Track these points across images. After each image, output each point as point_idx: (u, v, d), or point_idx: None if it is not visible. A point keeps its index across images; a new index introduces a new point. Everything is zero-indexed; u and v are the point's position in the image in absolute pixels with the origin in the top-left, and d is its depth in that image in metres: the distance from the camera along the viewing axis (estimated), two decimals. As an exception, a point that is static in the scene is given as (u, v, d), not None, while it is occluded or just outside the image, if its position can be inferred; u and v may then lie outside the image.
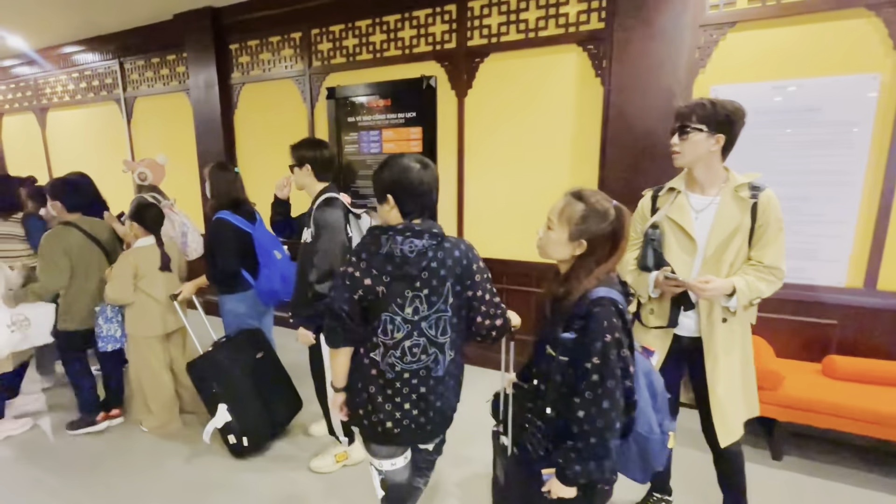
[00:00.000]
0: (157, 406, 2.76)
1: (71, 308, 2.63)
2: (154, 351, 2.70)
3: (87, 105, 5.41)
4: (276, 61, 4.08)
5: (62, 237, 2.55)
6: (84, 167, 5.02)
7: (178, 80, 4.64)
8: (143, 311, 2.61)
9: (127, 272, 2.52)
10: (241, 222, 2.58)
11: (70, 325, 2.66)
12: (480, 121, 3.34)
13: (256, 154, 4.40)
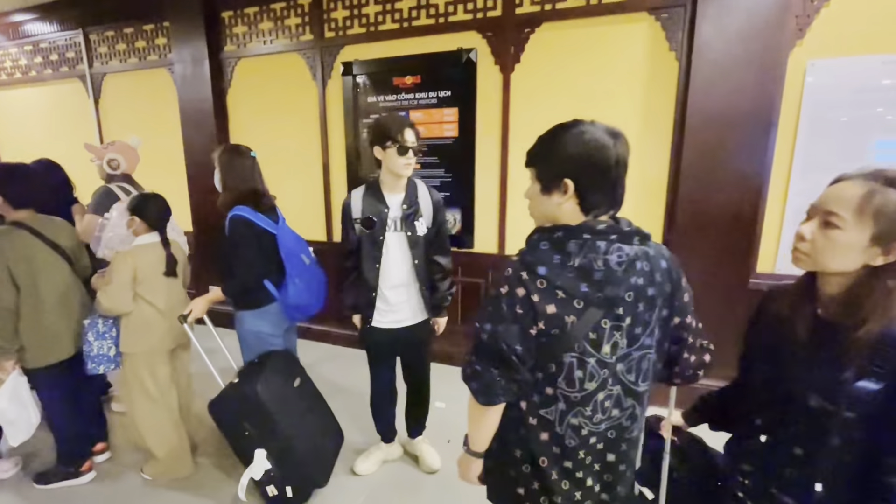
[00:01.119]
0: (161, 446, 2.23)
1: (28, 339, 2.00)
2: (155, 373, 2.16)
3: (43, 83, 4.64)
4: (280, 31, 3.52)
5: (7, 243, 1.93)
6: (44, 153, 4.29)
7: (158, 54, 3.99)
8: (143, 323, 2.08)
9: (125, 276, 1.99)
10: (263, 221, 2.05)
11: (34, 362, 2.03)
12: (528, 100, 2.93)
13: (254, 140, 3.78)
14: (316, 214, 3.67)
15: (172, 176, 4.01)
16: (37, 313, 1.99)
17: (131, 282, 2.01)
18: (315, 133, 3.56)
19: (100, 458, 2.38)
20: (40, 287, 1.99)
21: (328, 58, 3.39)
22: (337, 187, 3.59)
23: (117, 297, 1.98)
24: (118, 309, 2.00)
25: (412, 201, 1.93)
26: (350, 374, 3.23)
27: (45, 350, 2.04)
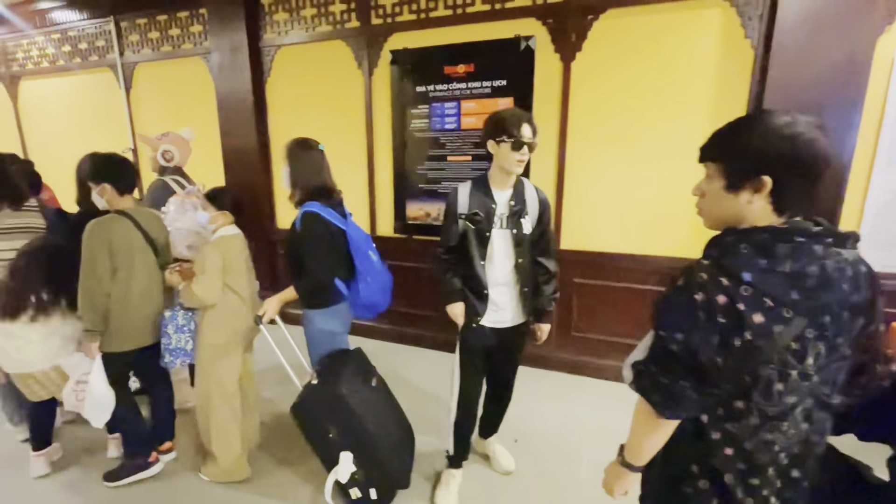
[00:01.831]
0: (224, 446, 2.18)
1: (114, 324, 2.02)
2: (230, 367, 2.13)
3: (72, 72, 4.54)
4: (323, 18, 3.41)
5: (109, 229, 1.95)
6: (70, 146, 4.23)
7: (193, 43, 3.89)
8: (229, 312, 2.07)
9: (218, 265, 1.98)
10: (334, 216, 1.98)
11: (110, 346, 2.04)
12: (590, 90, 2.83)
13: (294, 131, 3.68)
14: (360, 208, 3.58)
15: (208, 168, 3.92)
16: (126, 300, 2.00)
17: (222, 271, 1.99)
18: (359, 124, 3.47)
19: (167, 456, 2.34)
20: (133, 275, 2.00)
21: (375, 45, 3.28)
22: (381, 180, 3.50)
23: (211, 286, 1.96)
24: (211, 298, 1.97)
25: (520, 198, 1.86)
26: (397, 369, 3.19)
27: (127, 336, 2.05)
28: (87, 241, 1.91)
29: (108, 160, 2.05)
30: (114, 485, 2.20)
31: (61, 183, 3.54)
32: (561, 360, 3.17)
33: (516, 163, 1.77)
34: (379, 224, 3.58)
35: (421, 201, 3.40)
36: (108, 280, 1.95)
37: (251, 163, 3.77)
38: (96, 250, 1.91)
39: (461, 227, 1.87)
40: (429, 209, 3.39)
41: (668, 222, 2.79)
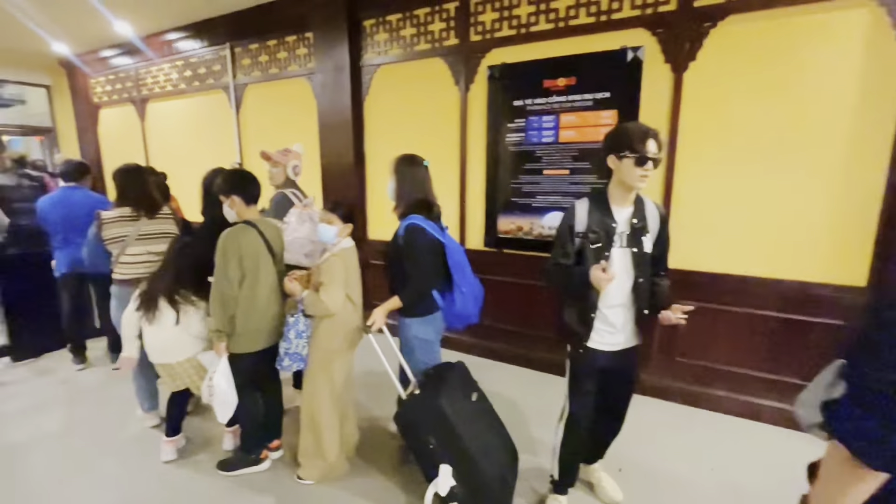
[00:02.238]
0: (328, 446, 2.25)
1: (240, 326, 2.16)
2: (341, 370, 2.23)
3: (191, 94, 5.04)
4: (422, 37, 3.52)
5: (239, 238, 2.10)
6: (186, 160, 4.66)
7: (299, 64, 4.17)
8: (345, 319, 2.16)
9: (342, 277, 2.07)
10: (434, 229, 2.11)
11: (237, 347, 2.18)
12: (703, 103, 2.67)
13: (389, 147, 3.87)
14: (451, 221, 3.62)
15: (306, 181, 4.14)
16: (251, 304, 2.14)
17: (344, 282, 2.08)
18: (453, 138, 3.52)
19: (275, 454, 2.46)
20: (258, 281, 2.14)
21: (472, 61, 3.33)
22: (473, 193, 3.52)
23: (337, 296, 2.05)
24: (336, 307, 2.06)
25: (640, 215, 1.79)
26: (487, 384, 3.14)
27: (251, 339, 2.19)
28: (220, 249, 2.07)
29: (237, 174, 2.22)
30: (226, 474, 2.35)
31: (179, 193, 3.93)
32: (664, 388, 2.98)
33: (639, 178, 1.69)
34: (469, 237, 3.60)
35: (513, 215, 3.37)
36: (237, 285, 2.10)
37: (347, 177, 3.95)
38: (229, 257, 2.06)
39: (577, 245, 1.81)
40: (521, 223, 3.35)
41: (797, 244, 2.54)
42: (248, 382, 2.25)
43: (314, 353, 2.19)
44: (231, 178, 2.19)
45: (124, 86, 5.62)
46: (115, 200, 2.59)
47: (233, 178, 2.19)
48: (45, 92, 6.70)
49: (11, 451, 2.54)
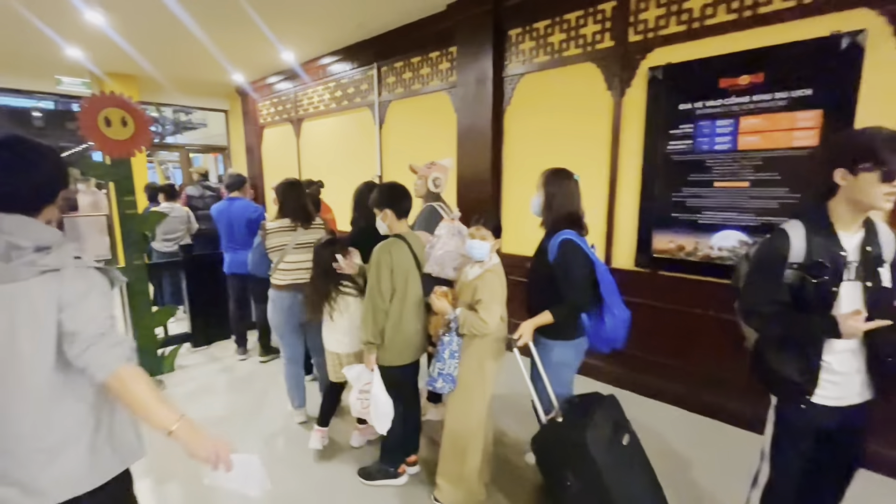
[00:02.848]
0: (470, 471, 2.13)
1: (389, 339, 2.15)
2: (489, 391, 2.10)
3: (339, 113, 5.48)
4: (572, 42, 3.34)
5: (391, 252, 2.09)
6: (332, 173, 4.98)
7: (441, 79, 4.26)
8: (496, 341, 2.05)
9: (500, 294, 1.99)
10: (586, 246, 1.96)
11: (383, 360, 2.17)
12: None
13: (528, 159, 3.73)
14: (594, 239, 3.34)
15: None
16: (400, 318, 2.12)
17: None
18: (601, 147, 3.26)
19: (412, 469, 2.42)
20: (407, 294, 2.12)
21: (630, 64, 3.05)
22: (623, 207, 3.21)
23: (496, 314, 1.96)
24: (494, 327, 1.96)
25: (874, 241, 1.40)
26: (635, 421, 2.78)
27: (398, 352, 2.17)
28: (374, 262, 2.08)
29: (392, 189, 2.20)
30: (366, 482, 2.35)
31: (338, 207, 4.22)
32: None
33: (883, 198, 1.30)
34: (616, 255, 3.27)
35: (672, 232, 2.98)
36: (388, 298, 2.09)
37: (483, 189, 3.89)
38: (382, 270, 2.06)
39: (791, 279, 1.45)
40: (682, 242, 2.94)
41: None
42: (392, 395, 2.21)
43: (465, 372, 2.08)
44: (386, 191, 2.19)
45: (284, 107, 6.33)
46: (277, 212, 2.80)
47: (387, 191, 2.19)
48: (223, 116, 7.90)
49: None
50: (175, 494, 2.30)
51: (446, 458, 2.18)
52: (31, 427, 1.03)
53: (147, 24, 4.23)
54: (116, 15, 4.00)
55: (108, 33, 4.41)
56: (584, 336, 2.08)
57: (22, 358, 1.00)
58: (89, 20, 4.02)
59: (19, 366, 1.01)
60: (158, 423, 1.08)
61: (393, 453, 2.35)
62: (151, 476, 2.39)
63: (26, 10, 3.84)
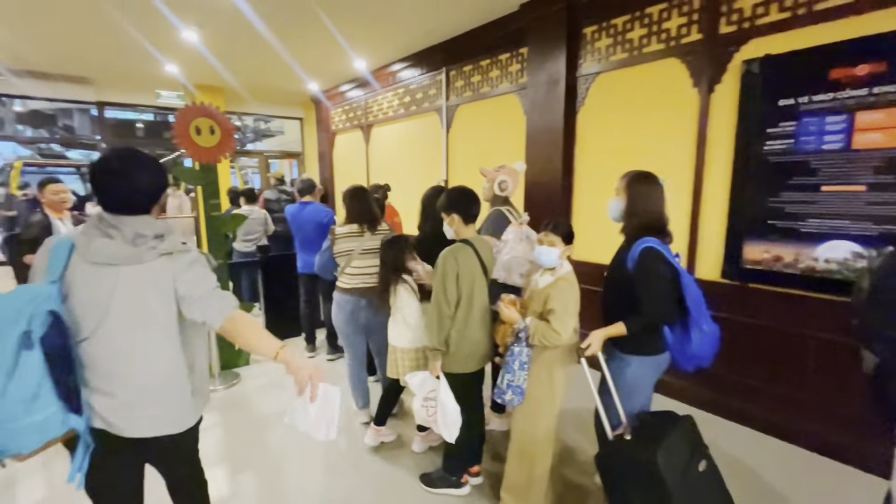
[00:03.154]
0: (538, 488, 2.02)
1: (455, 346, 2.08)
2: (557, 406, 2.00)
3: (407, 118, 5.57)
4: (654, 37, 3.13)
5: (458, 257, 2.03)
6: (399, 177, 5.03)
7: (510, 81, 4.19)
8: (568, 353, 1.94)
9: (574, 304, 1.88)
10: (669, 255, 1.80)
11: (448, 367, 2.11)
12: None
13: (602, 161, 3.55)
14: (677, 249, 3.10)
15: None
16: (465, 324, 2.06)
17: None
18: (684, 149, 3.02)
19: (474, 480, 2.35)
20: (473, 301, 2.05)
21: (721, 57, 2.80)
22: (709, 213, 2.94)
23: (570, 325, 1.86)
24: (567, 337, 1.86)
25: None
26: (719, 447, 2.52)
27: (464, 360, 2.11)
28: (439, 268, 2.03)
29: (459, 192, 2.14)
30: (426, 489, 2.31)
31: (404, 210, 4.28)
32: None
33: None
34: (700, 265, 3.01)
35: (768, 241, 2.68)
36: (454, 305, 2.03)
37: (553, 194, 3.76)
38: (448, 276, 2.00)
39: None
40: (780, 252, 2.64)
41: None
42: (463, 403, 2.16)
43: (534, 383, 1.98)
44: (454, 195, 2.14)
45: (355, 114, 6.55)
46: (345, 217, 2.84)
47: (455, 195, 2.13)
48: (298, 123, 8.34)
49: (261, 420, 2.99)
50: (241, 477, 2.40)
51: (512, 473, 2.09)
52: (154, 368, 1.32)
53: (233, 39, 4.54)
54: (207, 32, 4.33)
55: (200, 49, 4.79)
56: (666, 352, 1.90)
57: (154, 318, 1.30)
58: (185, 38, 4.38)
59: (152, 324, 1.31)
60: (267, 350, 1.35)
61: (456, 462, 2.30)
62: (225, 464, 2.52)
63: (137, 32, 4.27)
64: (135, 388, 1.30)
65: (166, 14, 3.80)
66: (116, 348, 1.28)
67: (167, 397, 1.36)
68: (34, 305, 1.14)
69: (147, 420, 1.33)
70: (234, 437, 2.80)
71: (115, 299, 1.26)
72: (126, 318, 1.27)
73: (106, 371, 1.28)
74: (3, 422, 1.09)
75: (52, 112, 9.31)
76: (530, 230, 2.46)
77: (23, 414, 1.11)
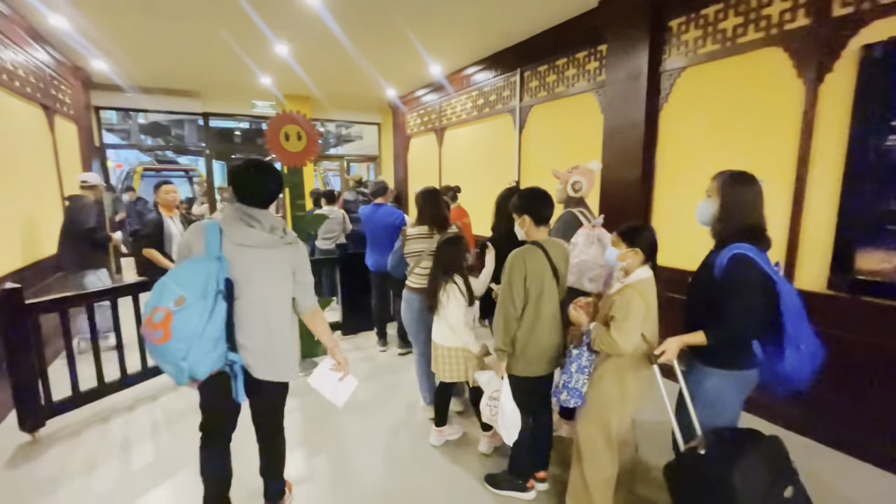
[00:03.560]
0: (599, 496, 1.95)
1: (521, 349, 2.07)
2: (624, 416, 1.92)
3: (479, 120, 5.61)
4: (752, 25, 2.88)
5: (526, 260, 2.00)
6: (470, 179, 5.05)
7: (588, 79, 4.06)
8: (636, 360, 1.84)
9: (640, 314, 1.77)
10: (767, 264, 1.64)
11: (514, 369, 2.10)
12: None
13: (688, 161, 3.32)
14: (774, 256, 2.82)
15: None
16: (532, 328, 2.03)
17: (643, 319, 1.76)
18: (783, 147, 2.73)
19: (541, 485, 2.31)
20: (542, 304, 2.02)
21: (834, 43, 2.50)
22: (813, 217, 2.64)
23: (632, 335, 1.76)
24: (628, 347, 1.77)
25: None
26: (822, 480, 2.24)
27: (530, 363, 2.09)
28: (507, 269, 2.02)
29: (532, 194, 2.11)
30: (491, 489, 2.31)
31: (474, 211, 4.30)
32: None
33: None
34: (801, 275, 2.71)
35: (888, 250, 2.35)
36: (520, 307, 2.01)
37: (630, 195, 3.58)
38: (514, 278, 1.99)
39: None
40: (904, 263, 2.31)
41: None
42: (522, 406, 2.13)
43: (594, 394, 1.92)
44: (526, 197, 2.11)
45: (429, 118, 6.72)
46: (416, 218, 2.92)
47: (528, 197, 2.11)
48: (376, 128, 8.71)
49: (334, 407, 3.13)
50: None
51: (574, 478, 2.04)
52: (278, 330, 1.80)
53: (319, 51, 4.86)
54: (296, 45, 4.68)
55: (290, 62, 5.19)
56: (753, 369, 1.74)
57: (279, 291, 1.79)
58: (277, 51, 4.77)
59: (277, 296, 1.79)
60: (329, 341, 1.98)
61: (521, 465, 2.27)
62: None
63: (238, 48, 4.72)
64: (263, 342, 1.75)
65: (263, 29, 4.16)
66: (253, 312, 1.71)
67: (282, 355, 1.82)
68: (220, 273, 1.60)
69: (264, 365, 1.77)
70: (310, 421, 2.98)
71: (254, 274, 1.71)
72: (261, 289, 1.73)
73: (245, 327, 1.71)
74: (199, 354, 1.54)
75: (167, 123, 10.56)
76: (603, 232, 2.37)
77: (210, 349, 1.56)
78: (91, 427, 2.86)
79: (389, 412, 3.09)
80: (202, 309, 1.53)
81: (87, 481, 2.36)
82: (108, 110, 6.99)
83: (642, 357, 1.83)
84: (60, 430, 2.80)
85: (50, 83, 4.78)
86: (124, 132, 10.60)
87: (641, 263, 1.86)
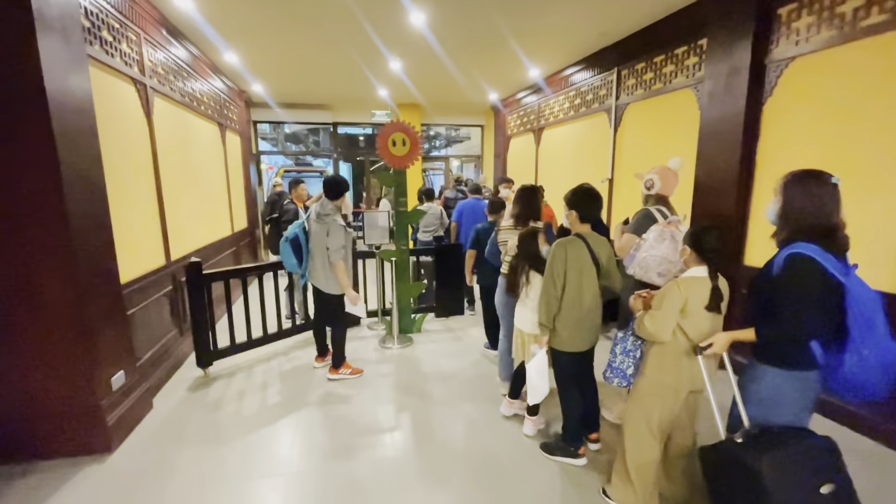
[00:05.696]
0: (640, 479, 2.07)
1: (561, 326, 2.37)
2: (663, 409, 1.99)
3: (576, 119, 5.67)
4: (876, 6, 2.63)
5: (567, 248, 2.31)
6: (565, 177, 5.14)
7: (686, 75, 3.96)
8: (677, 354, 1.94)
9: (676, 306, 1.88)
10: (833, 265, 1.55)
11: (555, 343, 2.40)
12: None
13: (796, 160, 3.10)
14: (867, 253, 2.57)
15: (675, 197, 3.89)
16: (572, 308, 2.33)
17: (679, 312, 1.88)
18: (908, 139, 2.47)
19: (593, 446, 2.61)
20: (582, 288, 2.31)
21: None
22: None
23: (663, 324, 1.89)
24: (659, 336, 1.91)
25: None
26: None
27: (570, 339, 2.38)
28: (550, 256, 2.35)
29: (583, 193, 2.38)
30: (546, 455, 2.58)
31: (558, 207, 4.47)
32: None
33: None
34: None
35: None
36: (560, 288, 2.31)
37: (726, 193, 3.44)
38: (556, 263, 2.31)
39: None
40: None
41: None
42: (567, 378, 2.45)
43: (640, 379, 2.06)
44: (578, 194, 2.39)
45: (528, 118, 6.91)
46: (511, 211, 3.20)
47: (579, 195, 2.39)
48: (479, 130, 9.14)
49: (421, 376, 3.61)
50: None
51: (620, 456, 2.18)
52: (319, 260, 3.40)
53: (427, 64, 5.38)
54: (408, 60, 5.27)
55: (401, 76, 5.82)
56: (815, 371, 1.67)
57: (322, 245, 3.35)
58: (392, 67, 5.41)
59: (322, 247, 3.35)
60: (346, 286, 3.36)
61: (571, 433, 2.52)
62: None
63: (363, 65, 5.48)
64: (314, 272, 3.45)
65: (381, 49, 4.80)
66: (315, 253, 3.41)
67: (323, 274, 3.38)
68: (299, 230, 3.51)
69: (315, 277, 3.43)
70: (400, 384, 3.48)
71: (313, 235, 3.38)
72: (317, 244, 3.35)
73: (310, 262, 3.48)
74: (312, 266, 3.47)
75: (305, 132, 12.25)
76: (677, 231, 2.42)
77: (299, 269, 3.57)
78: (241, 370, 3.72)
79: (470, 386, 3.46)
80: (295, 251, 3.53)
81: (238, 407, 3.14)
82: (263, 123, 8.43)
83: (686, 351, 1.91)
84: (222, 371, 3.70)
85: (223, 105, 6.04)
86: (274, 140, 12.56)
87: (697, 263, 1.95)
